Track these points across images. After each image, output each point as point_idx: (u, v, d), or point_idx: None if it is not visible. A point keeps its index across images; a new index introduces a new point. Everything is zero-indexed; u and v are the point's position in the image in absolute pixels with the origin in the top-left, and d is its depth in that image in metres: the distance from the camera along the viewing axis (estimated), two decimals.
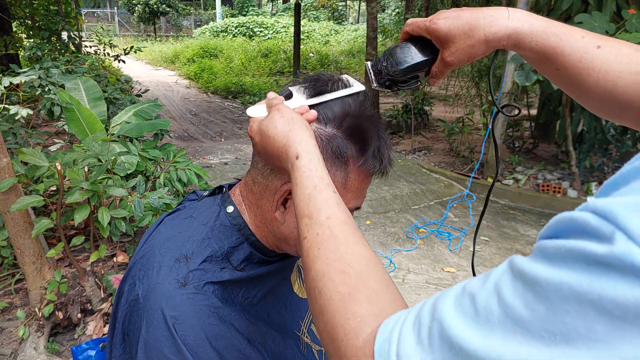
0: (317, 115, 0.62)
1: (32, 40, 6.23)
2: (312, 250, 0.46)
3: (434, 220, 4.05)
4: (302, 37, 14.12)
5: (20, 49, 6.70)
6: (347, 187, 0.64)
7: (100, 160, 2.20)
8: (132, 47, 6.07)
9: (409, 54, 0.62)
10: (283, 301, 0.75)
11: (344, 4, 24.40)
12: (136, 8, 19.16)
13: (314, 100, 0.63)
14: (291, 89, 0.65)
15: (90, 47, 6.80)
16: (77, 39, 6.64)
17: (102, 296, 2.29)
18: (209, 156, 5.58)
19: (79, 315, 2.22)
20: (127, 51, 5.93)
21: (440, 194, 4.73)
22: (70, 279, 2.27)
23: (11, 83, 2.83)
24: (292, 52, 10.63)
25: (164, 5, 19.25)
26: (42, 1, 6.83)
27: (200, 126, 7.25)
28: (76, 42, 6.58)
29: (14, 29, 6.98)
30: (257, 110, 0.63)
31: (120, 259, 2.52)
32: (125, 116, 3.04)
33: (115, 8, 22.82)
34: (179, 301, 0.59)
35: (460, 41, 0.57)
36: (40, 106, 3.04)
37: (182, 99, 9.42)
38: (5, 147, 1.99)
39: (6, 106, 2.76)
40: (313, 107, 0.62)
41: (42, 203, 1.97)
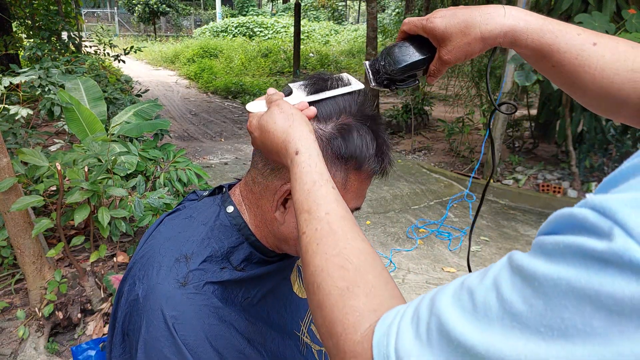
0: (317, 115, 0.62)
1: (32, 40, 6.23)
2: (311, 245, 0.46)
3: (434, 220, 4.05)
4: (302, 37, 14.12)
5: (20, 49, 6.70)
6: (347, 188, 0.64)
7: (100, 160, 2.20)
8: (132, 47, 6.07)
9: (406, 53, 0.63)
10: (283, 301, 0.75)
11: (344, 4, 24.40)
12: (136, 8, 19.15)
13: (314, 97, 0.63)
14: (291, 85, 0.65)
15: (90, 47, 6.79)
16: (77, 39, 6.64)
17: (102, 296, 2.29)
18: (209, 156, 5.58)
19: (79, 315, 2.22)
20: (127, 51, 5.93)
21: (440, 194, 4.73)
22: (70, 279, 2.27)
23: (11, 83, 2.83)
24: (292, 52, 10.64)
25: (164, 5, 19.24)
26: (42, 1, 6.83)
27: (200, 126, 7.24)
28: (76, 42, 6.58)
29: (14, 29, 6.97)
30: (256, 106, 0.63)
31: (120, 259, 2.52)
32: (125, 116, 3.04)
33: (115, 8, 22.82)
34: (178, 301, 0.59)
35: (456, 39, 0.57)
36: (40, 106, 3.04)
37: (182, 99, 9.41)
38: (5, 147, 1.99)
39: (6, 106, 2.76)
40: (313, 104, 0.62)
41: (42, 203, 1.97)
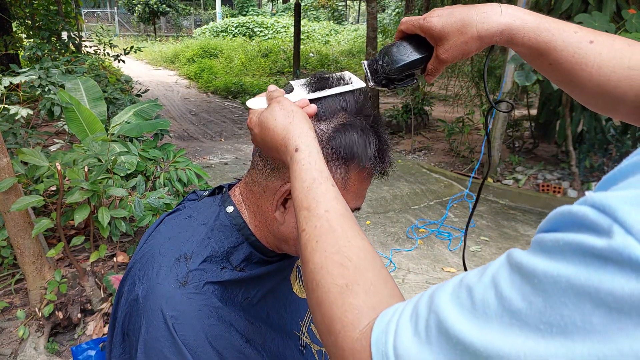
0: (318, 112, 0.62)
1: (32, 40, 6.23)
2: (310, 242, 0.46)
3: (434, 220, 4.05)
4: (302, 37, 14.12)
5: (20, 49, 6.70)
6: (347, 188, 0.64)
7: (100, 160, 2.20)
8: (132, 47, 6.07)
9: (404, 52, 0.63)
10: (283, 301, 0.75)
11: (344, 4, 24.39)
12: (136, 8, 19.14)
13: (315, 95, 0.63)
14: (292, 83, 0.65)
15: (90, 47, 6.80)
16: (77, 39, 6.64)
17: (102, 296, 2.30)
18: (209, 156, 5.58)
19: (79, 315, 2.22)
20: (127, 51, 5.93)
21: (440, 194, 4.73)
22: (70, 279, 2.27)
23: (11, 83, 2.83)
24: (292, 52, 10.63)
25: (164, 5, 19.24)
26: (42, 1, 6.83)
27: (200, 126, 7.24)
28: (76, 42, 6.58)
29: (14, 29, 6.98)
30: (257, 102, 0.63)
31: (120, 259, 2.52)
32: (125, 116, 3.04)
33: (115, 8, 22.81)
34: (178, 301, 0.59)
35: (453, 38, 0.58)
36: (40, 106, 3.04)
37: (182, 99, 9.41)
38: (5, 147, 1.99)
39: (6, 106, 2.76)
40: (313, 101, 0.62)
41: (42, 203, 1.97)
